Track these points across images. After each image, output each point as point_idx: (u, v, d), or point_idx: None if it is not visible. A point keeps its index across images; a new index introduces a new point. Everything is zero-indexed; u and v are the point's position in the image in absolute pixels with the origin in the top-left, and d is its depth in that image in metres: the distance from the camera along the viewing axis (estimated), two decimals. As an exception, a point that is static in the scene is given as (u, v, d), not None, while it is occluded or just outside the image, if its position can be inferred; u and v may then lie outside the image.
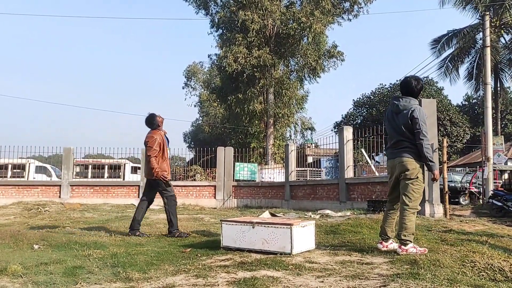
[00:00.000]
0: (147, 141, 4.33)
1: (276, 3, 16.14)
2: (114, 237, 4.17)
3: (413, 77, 3.25)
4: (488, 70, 10.88)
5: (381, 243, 3.17)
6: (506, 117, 28.13)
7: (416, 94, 3.19)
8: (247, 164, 11.92)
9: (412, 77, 3.25)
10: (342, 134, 8.57)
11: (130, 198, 10.52)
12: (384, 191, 7.19)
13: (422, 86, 3.20)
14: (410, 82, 3.17)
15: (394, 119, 3.15)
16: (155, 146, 4.29)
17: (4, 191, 10.25)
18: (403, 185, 3.07)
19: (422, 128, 3.00)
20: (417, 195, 3.03)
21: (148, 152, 4.30)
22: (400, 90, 3.26)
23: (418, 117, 3.00)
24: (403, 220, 2.99)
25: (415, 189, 3.01)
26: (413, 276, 2.26)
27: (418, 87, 3.17)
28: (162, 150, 4.36)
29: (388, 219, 3.23)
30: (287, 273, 2.42)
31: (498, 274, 2.35)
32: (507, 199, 7.41)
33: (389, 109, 3.27)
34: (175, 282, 2.26)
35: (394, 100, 3.21)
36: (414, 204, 3.02)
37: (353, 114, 26.66)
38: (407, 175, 3.03)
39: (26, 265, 2.64)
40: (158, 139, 4.33)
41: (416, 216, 3.07)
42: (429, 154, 2.99)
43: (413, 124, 3.02)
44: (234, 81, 16.91)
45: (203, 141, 28.94)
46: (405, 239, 2.95)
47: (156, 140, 4.31)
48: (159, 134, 4.39)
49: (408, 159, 3.04)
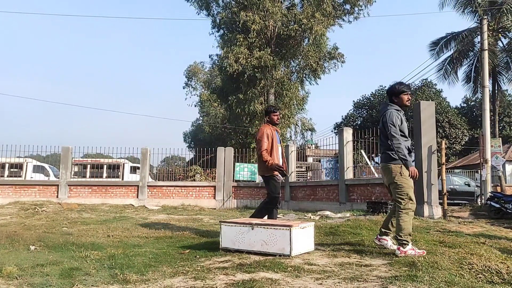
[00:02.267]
0: (256, 135, 4.04)
1: (278, 5, 16.16)
2: (111, 238, 4.15)
3: (395, 83, 3.37)
4: (486, 73, 10.92)
5: (376, 236, 3.38)
6: (504, 120, 28.22)
7: (395, 97, 3.23)
8: (247, 164, 11.91)
9: (394, 83, 3.38)
10: (342, 135, 8.58)
11: (129, 198, 10.49)
12: (384, 193, 7.19)
13: (400, 90, 3.21)
14: (389, 88, 3.33)
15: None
16: (264, 139, 3.91)
17: (1, 191, 10.20)
18: (390, 190, 3.23)
19: (391, 130, 3.09)
20: (404, 197, 3.08)
21: (258, 145, 3.95)
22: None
23: (387, 119, 3.13)
24: (397, 221, 3.09)
25: (399, 192, 3.10)
26: (411, 278, 2.26)
27: (395, 91, 3.24)
28: (272, 145, 3.96)
29: (389, 216, 3.40)
30: (286, 275, 2.42)
31: (495, 276, 2.35)
32: (505, 201, 7.41)
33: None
34: (173, 284, 2.25)
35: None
36: (406, 205, 3.08)
37: (353, 115, 26.69)
38: (388, 180, 3.20)
39: (22, 267, 2.63)
40: (266, 131, 3.95)
41: (412, 216, 3.13)
42: (400, 153, 3.06)
43: (385, 128, 3.16)
44: (235, 81, 16.92)
45: (203, 141, 28.91)
46: (401, 239, 3.02)
47: (264, 132, 3.93)
48: (269, 128, 4.01)
49: (384, 165, 3.21)
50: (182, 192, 10.77)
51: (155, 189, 10.75)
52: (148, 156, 10.90)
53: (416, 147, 6.49)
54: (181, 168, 15.46)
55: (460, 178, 13.77)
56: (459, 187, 12.63)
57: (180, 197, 10.64)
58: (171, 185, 10.93)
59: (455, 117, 22.22)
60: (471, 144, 23.32)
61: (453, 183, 12.57)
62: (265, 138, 3.94)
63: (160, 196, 10.68)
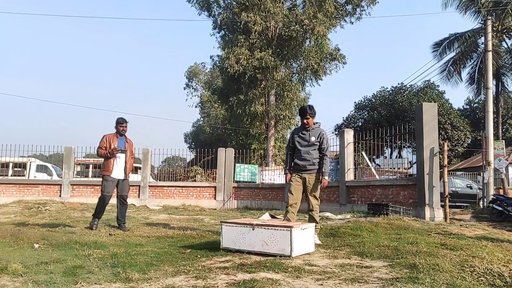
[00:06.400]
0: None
1: (279, 5, 16.18)
2: (114, 237, 4.18)
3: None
4: (490, 75, 10.88)
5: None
6: (508, 122, 28.08)
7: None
8: (248, 165, 11.92)
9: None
10: (343, 136, 8.58)
11: (130, 198, 10.48)
12: (385, 194, 7.18)
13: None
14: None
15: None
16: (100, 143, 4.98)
17: (5, 190, 10.27)
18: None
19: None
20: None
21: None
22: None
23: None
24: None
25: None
26: (412, 280, 2.26)
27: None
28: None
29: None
30: (287, 276, 2.43)
31: (497, 279, 2.35)
32: (507, 204, 7.38)
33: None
34: (175, 283, 2.27)
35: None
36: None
37: (354, 117, 26.61)
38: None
39: (26, 264, 2.65)
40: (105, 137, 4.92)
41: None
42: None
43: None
44: (236, 82, 16.94)
45: (204, 142, 28.94)
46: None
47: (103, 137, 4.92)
48: (110, 135, 4.95)
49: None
50: (183, 193, 10.79)
51: (156, 189, 10.78)
52: (150, 157, 10.94)
53: (418, 149, 6.48)
54: (182, 168, 15.48)
55: (462, 180, 13.71)
56: (461, 190, 12.58)
57: (181, 198, 10.67)
58: (172, 186, 10.96)
59: (458, 119, 22.11)
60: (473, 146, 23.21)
61: (455, 186, 12.52)
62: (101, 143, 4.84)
63: (161, 196, 10.71)
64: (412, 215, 5.90)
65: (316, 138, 3.84)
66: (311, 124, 3.87)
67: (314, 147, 3.84)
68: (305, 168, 3.84)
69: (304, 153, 3.83)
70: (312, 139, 3.84)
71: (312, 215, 3.88)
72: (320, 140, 3.84)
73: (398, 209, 5.87)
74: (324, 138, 3.86)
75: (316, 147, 3.84)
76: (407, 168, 12.34)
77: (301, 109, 3.94)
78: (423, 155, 6.22)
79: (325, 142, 3.87)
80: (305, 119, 3.84)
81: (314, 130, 3.89)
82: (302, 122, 3.92)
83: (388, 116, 22.74)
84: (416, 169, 6.91)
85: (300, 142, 3.88)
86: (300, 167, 3.86)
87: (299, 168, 3.88)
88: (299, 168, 3.87)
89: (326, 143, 3.87)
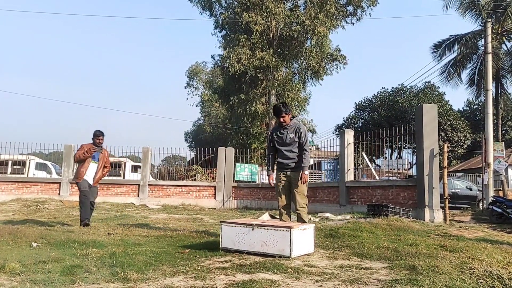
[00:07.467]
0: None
1: (280, 6, 16.17)
2: (113, 237, 4.17)
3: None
4: (490, 77, 10.88)
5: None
6: (507, 124, 28.07)
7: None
8: (248, 165, 11.91)
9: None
10: (343, 137, 8.57)
11: (130, 197, 10.52)
12: (385, 195, 7.18)
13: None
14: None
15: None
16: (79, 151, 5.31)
17: (4, 188, 10.25)
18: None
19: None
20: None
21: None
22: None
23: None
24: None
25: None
26: (411, 282, 2.25)
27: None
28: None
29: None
30: (286, 277, 2.42)
31: (496, 282, 2.34)
32: (507, 206, 7.38)
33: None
34: (173, 283, 2.26)
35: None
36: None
37: (355, 117, 26.59)
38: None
39: (24, 263, 2.64)
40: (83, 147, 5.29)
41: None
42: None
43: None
44: (237, 82, 16.93)
45: (204, 141, 28.93)
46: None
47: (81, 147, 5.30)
48: (87, 146, 5.31)
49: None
50: (183, 192, 10.78)
51: (156, 188, 10.77)
52: (149, 155, 10.93)
53: (418, 150, 6.47)
54: (182, 167, 15.46)
55: (462, 182, 13.71)
56: (460, 191, 12.58)
57: (181, 197, 10.66)
58: (172, 185, 10.95)
59: (458, 121, 22.10)
60: (473, 147, 23.22)
61: (454, 187, 12.52)
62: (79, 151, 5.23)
63: (161, 195, 10.70)
64: (411, 216, 5.90)
65: (294, 134, 3.79)
66: (287, 121, 3.81)
67: (295, 144, 3.78)
68: (288, 166, 3.79)
69: (286, 151, 3.78)
70: (291, 136, 3.79)
71: (300, 216, 3.76)
72: (298, 134, 3.78)
73: (398, 210, 5.87)
74: (301, 132, 3.79)
75: (296, 143, 3.78)
76: (407, 169, 12.34)
77: (274, 108, 3.87)
78: (423, 156, 6.21)
79: (303, 136, 3.77)
80: (281, 117, 3.78)
81: (292, 126, 3.83)
82: (278, 121, 3.86)
83: (388, 117, 22.73)
84: (416, 170, 6.91)
85: (278, 141, 3.84)
86: (284, 165, 3.80)
87: (283, 166, 3.82)
88: (283, 167, 3.81)
89: (304, 137, 3.78)
